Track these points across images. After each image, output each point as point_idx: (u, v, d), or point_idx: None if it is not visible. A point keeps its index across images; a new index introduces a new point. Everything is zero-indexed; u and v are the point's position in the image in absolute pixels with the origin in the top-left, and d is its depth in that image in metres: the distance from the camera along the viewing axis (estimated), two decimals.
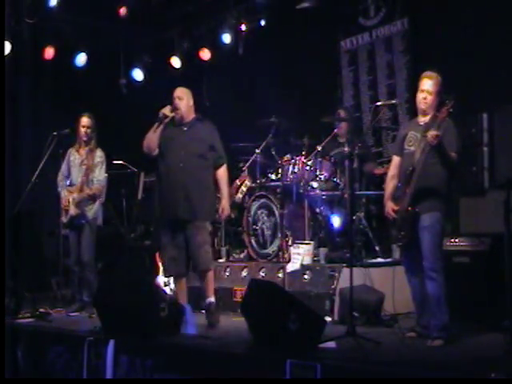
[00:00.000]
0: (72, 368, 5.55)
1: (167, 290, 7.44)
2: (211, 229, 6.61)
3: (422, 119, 5.36)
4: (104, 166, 7.33)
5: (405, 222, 5.23)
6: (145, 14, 9.36)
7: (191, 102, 6.32)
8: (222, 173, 6.34)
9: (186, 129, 6.26)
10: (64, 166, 7.41)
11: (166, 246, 6.31)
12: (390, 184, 5.49)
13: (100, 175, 7.25)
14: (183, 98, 6.25)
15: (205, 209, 6.19)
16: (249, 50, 9.21)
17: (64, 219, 7.21)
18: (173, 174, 6.19)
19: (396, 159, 5.51)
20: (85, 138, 7.31)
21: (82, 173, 7.21)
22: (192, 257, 6.16)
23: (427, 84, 5.28)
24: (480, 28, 7.17)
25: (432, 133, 5.02)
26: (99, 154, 7.31)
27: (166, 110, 6.19)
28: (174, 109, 6.20)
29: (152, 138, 6.23)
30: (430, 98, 5.27)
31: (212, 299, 6.18)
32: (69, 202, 7.17)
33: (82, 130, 7.30)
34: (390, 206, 5.35)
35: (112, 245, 8.76)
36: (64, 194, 7.29)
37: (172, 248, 6.23)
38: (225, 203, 6.31)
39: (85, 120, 7.32)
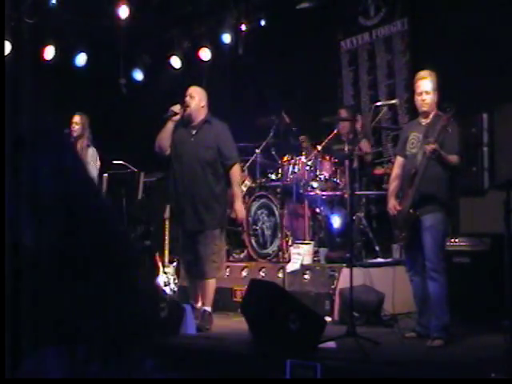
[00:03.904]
0: None
1: (167, 290, 7.44)
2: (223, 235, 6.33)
3: (424, 120, 5.36)
4: (96, 164, 7.31)
5: (406, 223, 5.24)
6: (145, 14, 9.36)
7: (203, 103, 6.17)
8: (233, 173, 6.13)
9: (194, 132, 6.13)
10: None
11: (181, 250, 6.37)
12: (394, 183, 5.50)
13: (92, 172, 7.24)
14: (195, 96, 6.11)
15: (213, 218, 6.05)
16: (249, 50, 9.21)
17: None
18: (180, 182, 6.09)
19: (399, 159, 5.52)
20: (73, 134, 7.32)
21: None
22: (198, 264, 6.06)
23: (423, 85, 5.29)
24: (480, 28, 7.17)
25: (429, 147, 5.04)
26: (91, 153, 7.31)
27: (176, 108, 6.07)
28: (184, 106, 6.06)
29: (163, 138, 6.13)
30: (428, 97, 5.28)
31: (208, 308, 6.04)
32: None
33: (71, 126, 7.32)
34: (392, 203, 5.35)
35: None
36: None
37: (186, 252, 6.23)
38: (238, 205, 6.14)
39: (74, 117, 7.36)
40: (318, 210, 7.35)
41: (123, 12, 8.86)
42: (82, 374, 1.18)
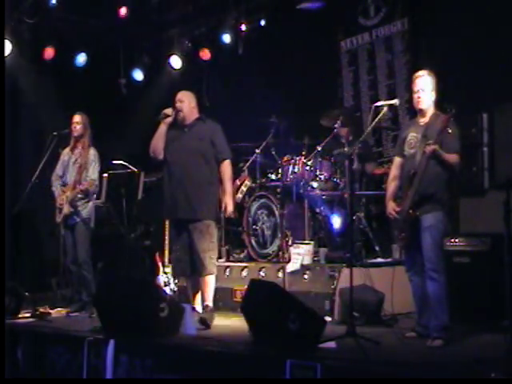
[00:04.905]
0: (72, 368, 5.54)
1: (167, 289, 7.44)
2: (216, 230, 6.41)
3: (422, 119, 5.37)
4: (97, 165, 7.31)
5: (405, 223, 5.23)
6: (145, 14, 9.36)
7: (193, 104, 6.34)
8: (224, 168, 6.25)
9: (187, 130, 6.29)
10: (58, 166, 7.42)
11: (173, 246, 6.41)
12: (392, 184, 5.49)
13: (93, 174, 7.24)
14: (184, 100, 6.29)
15: (205, 208, 6.14)
16: (249, 50, 9.21)
17: (58, 219, 7.22)
18: (173, 174, 6.21)
19: (397, 160, 5.52)
20: (75, 134, 7.32)
21: (75, 172, 7.21)
22: (195, 262, 6.13)
23: (420, 83, 5.30)
24: (480, 28, 7.17)
25: (430, 147, 5.04)
26: (92, 153, 7.31)
27: (168, 111, 6.24)
28: (177, 111, 6.23)
29: (157, 142, 6.26)
30: (424, 95, 5.28)
31: (208, 303, 6.15)
32: (63, 200, 7.18)
33: (72, 126, 7.32)
34: (391, 207, 5.35)
35: (112, 245, 8.76)
36: (58, 193, 7.31)
37: (178, 248, 6.28)
38: (227, 200, 6.21)
39: (75, 117, 7.35)
40: (318, 210, 7.35)
41: (123, 12, 8.86)
42: None
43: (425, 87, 5.28)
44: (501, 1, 7.00)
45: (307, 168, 7.38)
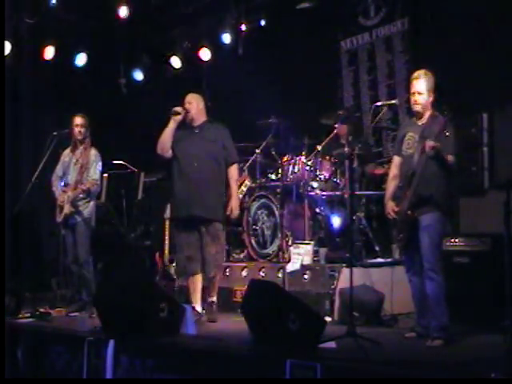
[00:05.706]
0: (72, 368, 5.54)
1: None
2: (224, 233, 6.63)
3: (419, 120, 5.37)
4: (98, 165, 7.31)
5: (404, 224, 5.24)
6: (145, 14, 9.36)
7: (201, 106, 6.51)
8: (232, 171, 6.47)
9: (197, 131, 6.42)
10: (58, 167, 7.41)
11: (181, 246, 6.47)
12: (391, 184, 5.49)
13: (94, 174, 7.23)
14: (192, 102, 6.45)
15: (216, 208, 6.31)
16: (249, 50, 9.21)
17: (58, 218, 7.20)
18: (186, 173, 6.32)
19: (396, 159, 5.52)
20: (79, 137, 7.30)
21: (77, 172, 7.20)
22: (204, 262, 6.34)
23: (416, 85, 5.29)
24: (480, 28, 7.17)
25: (429, 144, 5.03)
26: (93, 153, 7.30)
27: (178, 108, 6.36)
28: (185, 112, 6.37)
29: (165, 140, 6.36)
30: (420, 98, 5.28)
31: (214, 299, 6.43)
32: (64, 199, 7.17)
33: (76, 129, 7.29)
34: (390, 207, 5.36)
35: (112, 245, 8.77)
36: (58, 193, 7.30)
37: (187, 247, 6.36)
38: (234, 202, 6.41)
39: (78, 119, 7.31)
40: (317, 210, 7.35)
41: (123, 12, 8.86)
42: None
43: (421, 89, 5.27)
44: (501, 1, 7.00)
45: (307, 168, 7.38)
